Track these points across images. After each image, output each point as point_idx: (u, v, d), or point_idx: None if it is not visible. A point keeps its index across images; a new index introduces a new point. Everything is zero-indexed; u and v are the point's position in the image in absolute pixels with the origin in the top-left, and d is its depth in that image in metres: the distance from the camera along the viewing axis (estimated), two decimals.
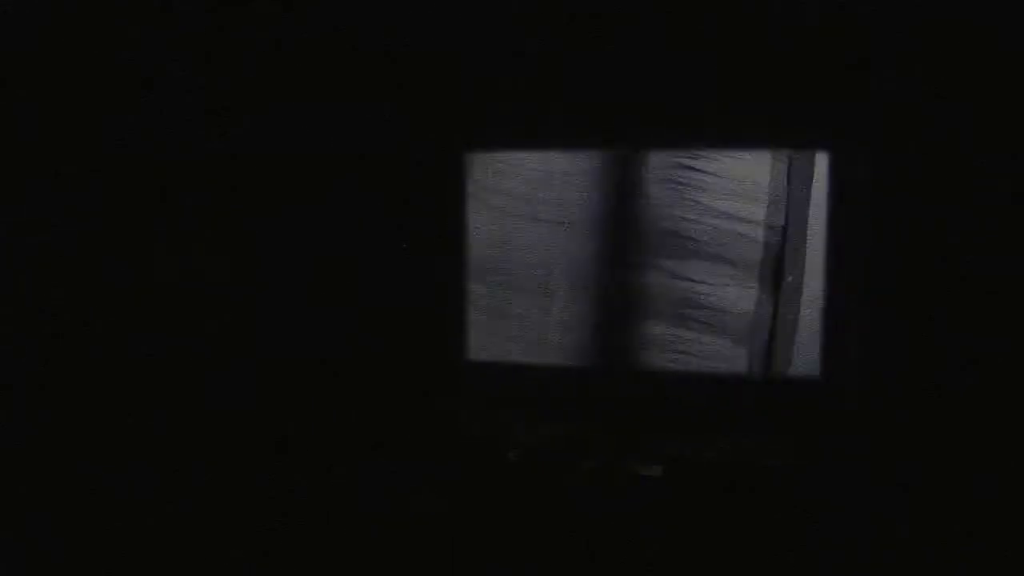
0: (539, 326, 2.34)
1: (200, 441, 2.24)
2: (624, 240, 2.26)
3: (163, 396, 2.26)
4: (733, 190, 2.18)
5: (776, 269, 2.16)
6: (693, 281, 2.22)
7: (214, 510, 2.14)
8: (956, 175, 1.94)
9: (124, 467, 2.19)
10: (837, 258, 2.09)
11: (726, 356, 2.20)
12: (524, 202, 2.33)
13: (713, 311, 2.21)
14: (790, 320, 2.16)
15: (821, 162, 2.10)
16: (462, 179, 2.33)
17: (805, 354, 2.15)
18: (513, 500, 2.07)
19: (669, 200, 2.21)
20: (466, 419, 2.29)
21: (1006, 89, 1.89)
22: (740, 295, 2.19)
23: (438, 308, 2.33)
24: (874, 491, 1.92)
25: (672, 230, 2.21)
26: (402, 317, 2.30)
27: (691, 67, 2.09)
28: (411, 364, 2.31)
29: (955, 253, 1.96)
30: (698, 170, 2.20)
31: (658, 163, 2.22)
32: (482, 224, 2.34)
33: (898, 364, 2.01)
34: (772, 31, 2.02)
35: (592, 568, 1.96)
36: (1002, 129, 1.91)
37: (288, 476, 2.18)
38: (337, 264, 2.30)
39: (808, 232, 2.14)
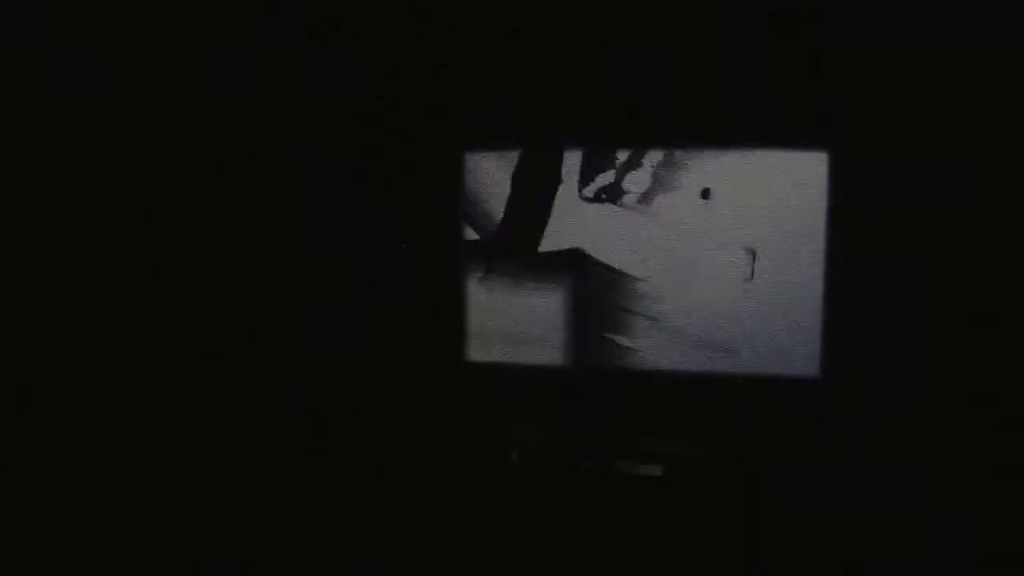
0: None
1: (199, 441, 2.23)
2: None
3: (163, 396, 2.26)
4: None
5: None
6: None
7: (214, 510, 2.14)
8: (956, 175, 1.94)
9: (124, 467, 2.19)
10: (837, 258, 2.09)
11: None
12: None
13: None
14: None
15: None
16: (462, 179, 2.33)
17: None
18: (513, 500, 2.07)
19: None
20: (466, 419, 2.29)
21: (1006, 89, 1.90)
22: None
23: (438, 308, 2.33)
24: (874, 491, 1.92)
25: None
26: (402, 317, 2.30)
27: (692, 68, 2.09)
28: (411, 364, 2.31)
29: (955, 253, 1.96)
30: None
31: None
32: None
33: (898, 364, 2.01)
34: (772, 32, 2.03)
35: (592, 568, 1.96)
36: (1002, 130, 1.91)
37: (287, 476, 2.18)
38: (337, 264, 2.30)
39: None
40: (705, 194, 2.10)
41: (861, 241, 2.05)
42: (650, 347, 2.26)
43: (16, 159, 2.22)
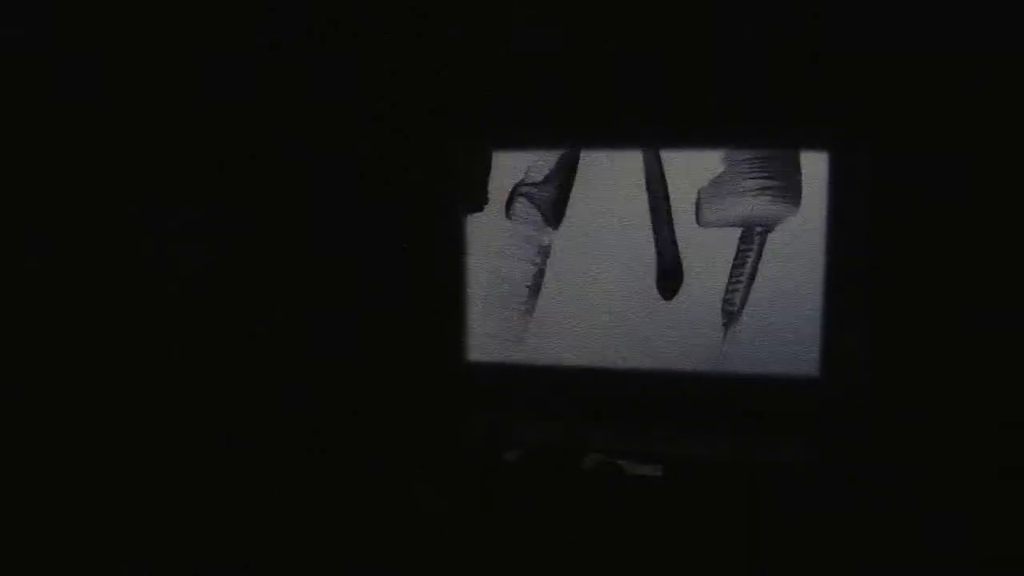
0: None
1: (199, 441, 2.24)
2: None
3: (163, 396, 2.26)
4: None
5: None
6: None
7: (214, 510, 2.14)
8: (956, 175, 1.94)
9: (124, 467, 2.19)
10: (837, 258, 2.09)
11: None
12: None
13: None
14: None
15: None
16: (462, 179, 2.33)
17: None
18: (513, 500, 2.07)
19: None
20: (466, 419, 2.29)
21: (1006, 89, 1.90)
22: None
23: (438, 308, 2.33)
24: (874, 491, 1.92)
25: None
26: (402, 317, 2.30)
27: (691, 67, 2.10)
28: (411, 364, 2.31)
29: (955, 253, 1.96)
30: None
31: None
32: None
33: (898, 364, 2.01)
34: (773, 31, 2.03)
35: (592, 568, 1.96)
36: (1002, 130, 1.92)
37: (287, 476, 2.18)
38: (337, 264, 2.30)
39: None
40: None
41: (861, 241, 2.05)
42: (650, 346, 2.26)
43: (16, 159, 2.22)
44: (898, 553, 1.86)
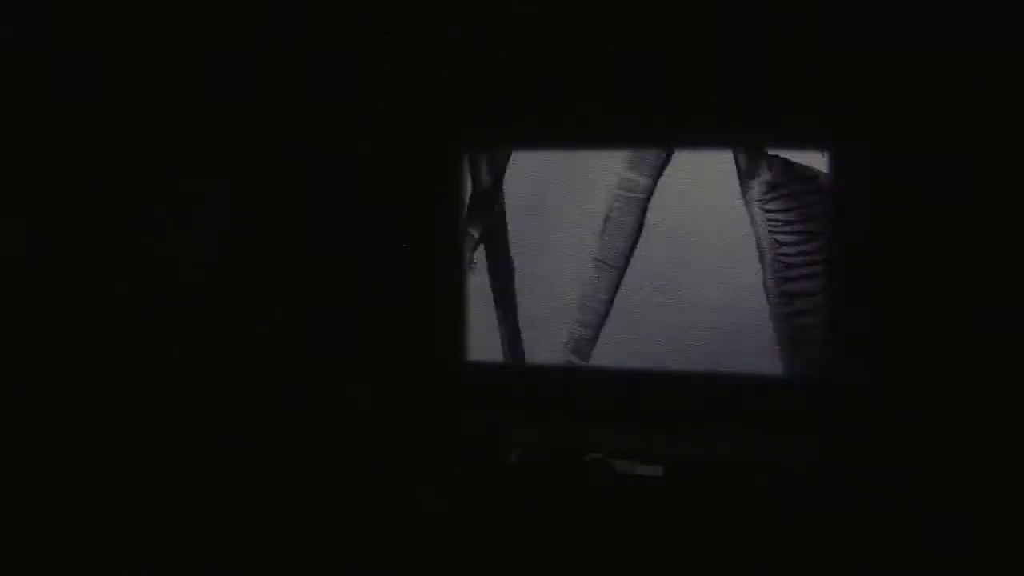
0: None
1: (200, 441, 2.23)
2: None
3: (163, 396, 2.26)
4: None
5: None
6: None
7: (214, 510, 2.14)
8: (956, 175, 1.94)
9: (124, 467, 2.19)
10: (837, 258, 2.09)
11: None
12: None
13: None
14: None
15: None
16: (461, 179, 2.33)
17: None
18: (513, 500, 2.07)
19: None
20: (466, 419, 2.29)
21: (1006, 89, 1.90)
22: None
23: (438, 308, 2.33)
24: (874, 491, 1.92)
25: None
26: (402, 317, 2.30)
27: (691, 66, 2.10)
28: (410, 364, 2.31)
29: (955, 253, 1.96)
30: None
31: None
32: None
33: (898, 364, 2.01)
34: (773, 31, 2.03)
35: (592, 568, 1.96)
36: (1002, 128, 1.92)
37: (287, 476, 2.18)
38: (337, 264, 2.30)
39: None
40: None
41: (861, 241, 2.05)
42: (650, 346, 2.26)
43: (16, 159, 2.22)
44: (898, 553, 1.86)
